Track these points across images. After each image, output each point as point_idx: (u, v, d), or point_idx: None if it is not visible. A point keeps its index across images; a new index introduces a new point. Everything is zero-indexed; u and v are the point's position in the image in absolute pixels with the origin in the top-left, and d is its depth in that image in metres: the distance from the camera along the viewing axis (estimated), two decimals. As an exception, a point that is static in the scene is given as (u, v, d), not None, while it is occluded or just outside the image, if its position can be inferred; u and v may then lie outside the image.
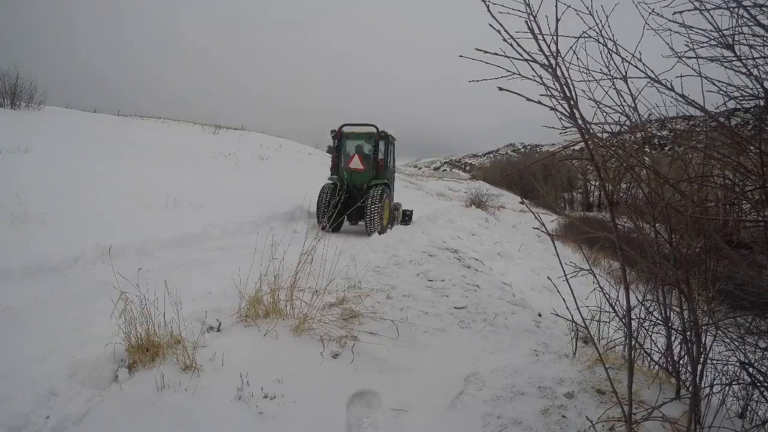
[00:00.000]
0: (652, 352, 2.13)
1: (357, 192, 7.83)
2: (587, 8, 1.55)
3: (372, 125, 8.08)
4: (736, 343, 1.84)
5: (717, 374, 1.93)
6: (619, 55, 1.64)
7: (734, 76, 1.57)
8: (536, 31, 1.47)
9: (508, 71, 1.46)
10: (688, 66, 1.56)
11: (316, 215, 7.73)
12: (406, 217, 9.82)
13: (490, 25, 1.42)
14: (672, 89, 1.59)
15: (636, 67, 1.63)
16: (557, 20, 1.43)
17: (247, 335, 2.67)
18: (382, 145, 8.16)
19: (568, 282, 1.74)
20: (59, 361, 2.20)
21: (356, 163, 8.02)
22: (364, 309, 3.28)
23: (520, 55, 1.47)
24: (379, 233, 7.23)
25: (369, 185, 7.83)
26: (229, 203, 7.89)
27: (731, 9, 1.52)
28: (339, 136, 8.24)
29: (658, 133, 2.20)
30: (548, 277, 2.32)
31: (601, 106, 1.68)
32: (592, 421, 1.82)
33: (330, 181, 8.02)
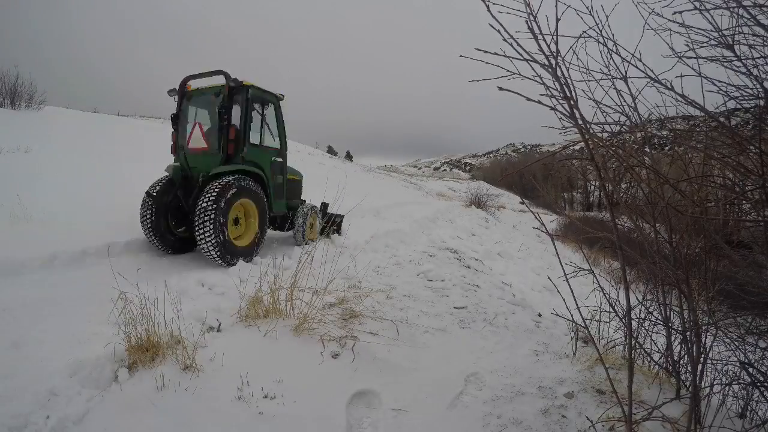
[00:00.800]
0: (652, 352, 2.13)
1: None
2: (587, 8, 1.55)
3: (221, 72, 4.87)
4: (736, 343, 1.84)
5: (717, 374, 1.93)
6: (619, 55, 1.64)
7: (734, 76, 1.57)
8: (536, 30, 1.47)
9: (508, 71, 1.46)
10: (688, 66, 1.56)
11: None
12: (334, 225, 6.27)
13: (490, 25, 1.42)
14: (672, 89, 1.59)
15: (636, 67, 1.63)
16: (557, 20, 1.43)
17: (247, 335, 2.67)
18: (241, 107, 4.97)
19: (568, 282, 1.74)
20: (59, 361, 2.20)
21: (197, 140, 4.99)
22: (364, 309, 3.28)
23: (520, 55, 1.47)
24: (228, 263, 4.41)
25: (212, 175, 4.66)
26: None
27: (731, 9, 1.52)
28: (181, 95, 5.21)
29: (658, 133, 2.19)
30: (548, 277, 2.32)
31: (601, 106, 1.68)
32: (592, 421, 1.82)
33: (165, 174, 5.11)
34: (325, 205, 6.92)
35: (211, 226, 4.30)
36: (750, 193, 1.64)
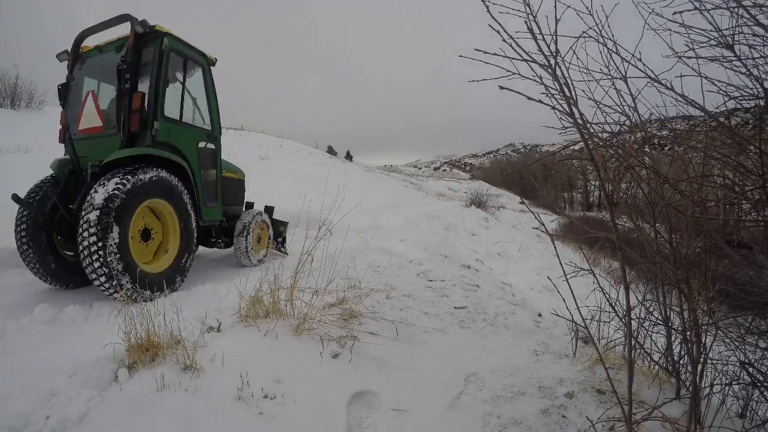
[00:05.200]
0: (652, 352, 2.13)
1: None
2: (587, 8, 1.55)
3: (127, 17, 3.46)
4: (736, 343, 1.84)
5: (717, 374, 1.93)
6: (619, 55, 1.64)
7: (734, 76, 1.57)
8: (536, 31, 1.47)
9: (508, 71, 1.47)
10: (688, 66, 1.56)
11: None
12: (277, 237, 5.21)
13: (490, 26, 1.42)
14: (672, 89, 1.59)
15: (636, 67, 1.63)
16: (557, 20, 1.43)
17: (247, 335, 2.67)
18: (154, 66, 3.47)
19: (568, 282, 1.74)
20: (59, 361, 2.20)
21: (89, 117, 3.53)
22: (364, 309, 3.28)
23: (520, 55, 1.47)
24: (133, 298, 2.89)
25: (104, 164, 3.25)
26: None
27: (731, 9, 1.52)
28: (72, 59, 3.83)
29: (658, 133, 2.20)
30: (548, 277, 2.32)
31: (600, 105, 1.68)
32: (592, 421, 1.82)
33: (51, 170, 3.78)
34: (270, 209, 5.33)
35: (99, 243, 2.85)
36: (750, 193, 1.64)
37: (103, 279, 2.92)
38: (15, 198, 3.24)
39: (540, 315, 3.85)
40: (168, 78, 3.60)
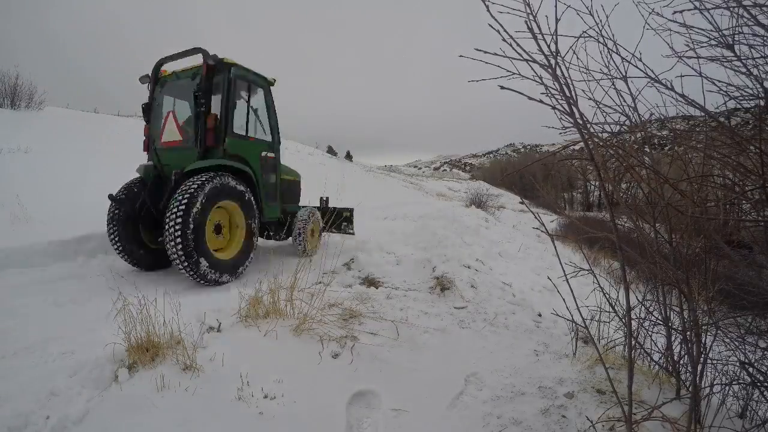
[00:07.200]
0: (652, 352, 2.13)
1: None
2: (587, 8, 1.55)
3: (199, 50, 4.21)
4: (736, 343, 1.84)
5: (717, 374, 1.93)
6: (619, 55, 1.64)
7: (734, 76, 1.57)
8: (536, 30, 1.47)
9: (508, 71, 1.46)
10: (688, 66, 1.56)
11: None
12: (343, 224, 5.91)
13: (490, 25, 1.42)
14: (672, 89, 1.59)
15: (636, 66, 1.63)
16: (557, 20, 1.43)
17: (247, 335, 2.67)
18: (225, 90, 4.23)
19: (568, 282, 1.74)
20: (59, 361, 2.20)
21: (171, 132, 4.30)
22: (364, 309, 3.28)
23: (520, 55, 1.47)
24: (209, 280, 3.75)
25: (186, 172, 4.00)
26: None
27: (731, 9, 1.52)
28: (153, 82, 4.60)
29: (658, 133, 2.19)
30: (548, 277, 2.32)
31: (600, 105, 1.68)
32: (592, 421, 1.82)
33: (138, 174, 4.54)
34: (325, 200, 6.22)
35: (183, 235, 3.54)
36: (750, 193, 1.64)
37: (185, 262, 3.60)
38: (111, 197, 4.08)
39: (540, 315, 3.85)
40: (235, 101, 4.36)
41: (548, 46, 1.48)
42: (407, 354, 2.70)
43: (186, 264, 3.60)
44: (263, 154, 4.81)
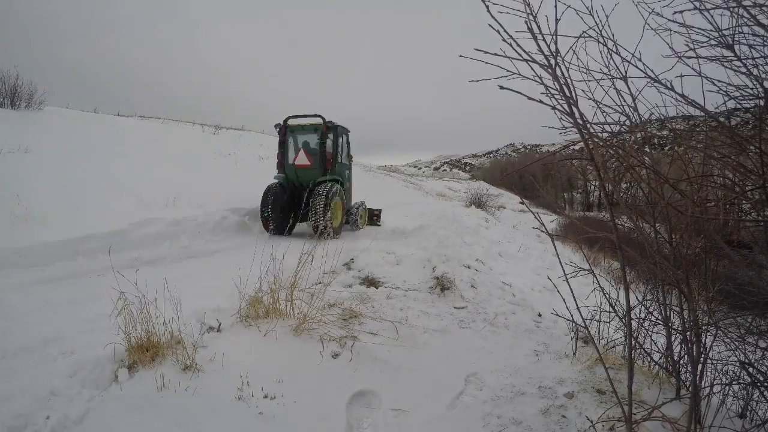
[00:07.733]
0: (652, 352, 2.13)
1: (304, 191, 7.42)
2: (587, 8, 1.55)
3: (318, 116, 7.53)
4: (736, 343, 1.83)
5: (717, 374, 1.93)
6: (619, 55, 1.64)
7: (734, 76, 1.57)
8: (536, 31, 1.47)
9: (508, 71, 1.46)
10: (688, 66, 1.56)
11: (261, 218, 7.23)
12: (374, 217, 9.16)
13: (490, 25, 1.42)
14: (672, 89, 1.59)
15: (636, 66, 1.63)
16: (557, 20, 1.43)
17: (247, 335, 2.67)
18: (330, 138, 7.67)
19: (568, 282, 1.74)
20: (59, 361, 2.20)
21: (302, 159, 7.46)
22: (364, 309, 3.28)
23: (520, 55, 1.47)
24: (330, 236, 6.62)
25: (317, 182, 7.23)
26: (229, 202, 7.87)
27: (731, 9, 1.52)
28: (284, 129, 7.75)
29: (658, 133, 2.20)
30: (548, 277, 2.32)
31: (600, 105, 1.68)
32: (592, 421, 1.82)
33: (276, 180, 7.58)
34: (362, 203, 9.39)
35: (324, 211, 6.74)
36: (750, 193, 1.64)
37: (322, 225, 6.53)
38: (273, 187, 7.29)
39: (540, 315, 3.85)
40: (338, 144, 7.94)
41: (548, 46, 1.48)
42: (407, 354, 2.70)
43: (323, 225, 6.48)
44: (347, 172, 8.51)
